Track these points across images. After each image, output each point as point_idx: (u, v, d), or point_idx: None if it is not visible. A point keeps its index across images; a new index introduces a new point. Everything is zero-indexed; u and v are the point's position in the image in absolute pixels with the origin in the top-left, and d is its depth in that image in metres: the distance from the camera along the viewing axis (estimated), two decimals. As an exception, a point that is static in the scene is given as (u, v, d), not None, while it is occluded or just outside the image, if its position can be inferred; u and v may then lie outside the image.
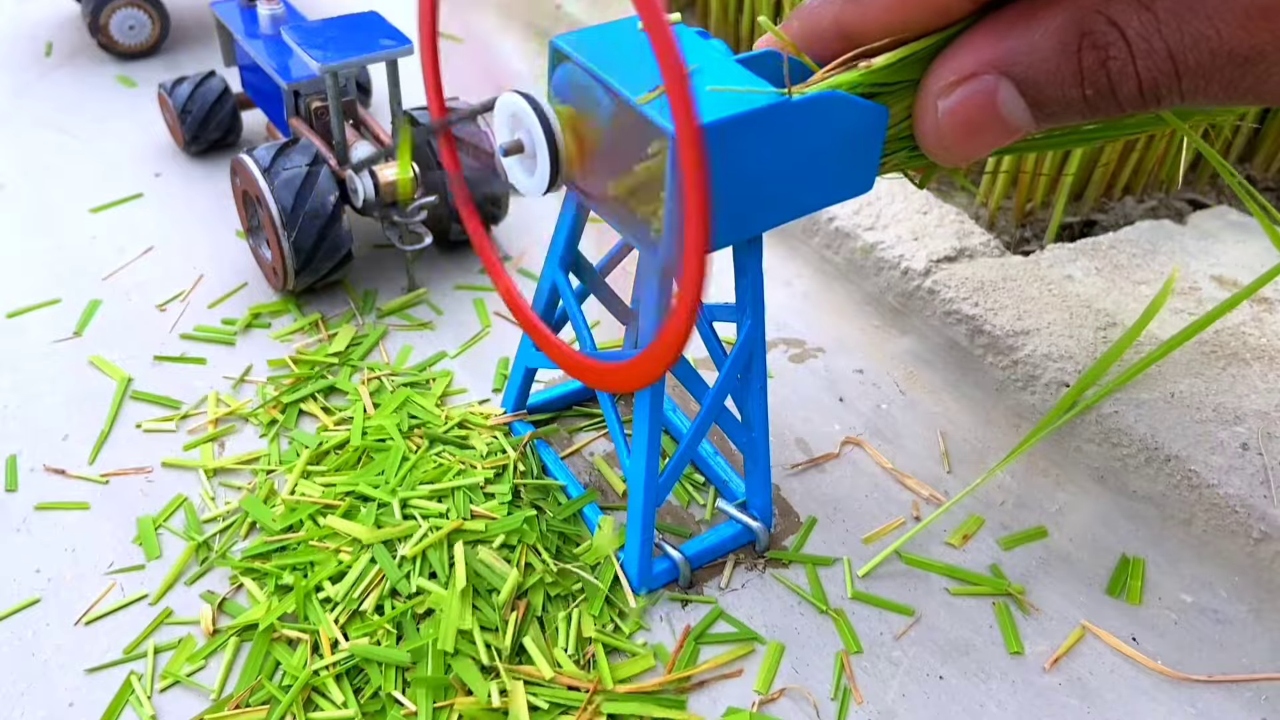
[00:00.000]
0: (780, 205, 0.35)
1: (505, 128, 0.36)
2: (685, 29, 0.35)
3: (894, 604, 0.42)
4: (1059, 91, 0.30)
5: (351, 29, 0.54)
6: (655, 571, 0.42)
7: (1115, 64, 0.28)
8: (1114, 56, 0.28)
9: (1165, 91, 0.28)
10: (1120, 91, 0.29)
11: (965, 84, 0.31)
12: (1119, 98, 0.29)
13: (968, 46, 0.31)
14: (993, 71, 0.30)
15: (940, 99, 0.32)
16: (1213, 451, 0.45)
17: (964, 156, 0.33)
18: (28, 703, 0.38)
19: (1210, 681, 0.40)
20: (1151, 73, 0.28)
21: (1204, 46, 0.27)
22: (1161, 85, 0.28)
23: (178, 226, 0.62)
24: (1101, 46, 0.28)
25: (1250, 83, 0.28)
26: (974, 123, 0.31)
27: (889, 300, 0.56)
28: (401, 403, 0.49)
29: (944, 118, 0.32)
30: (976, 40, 0.31)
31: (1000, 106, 0.30)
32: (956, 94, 0.31)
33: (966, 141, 0.32)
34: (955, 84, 0.31)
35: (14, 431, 0.49)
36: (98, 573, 0.42)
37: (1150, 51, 0.28)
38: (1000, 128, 0.31)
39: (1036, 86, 0.30)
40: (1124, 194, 0.64)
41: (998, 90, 0.30)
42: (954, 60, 0.31)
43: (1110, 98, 0.29)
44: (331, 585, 0.40)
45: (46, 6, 0.86)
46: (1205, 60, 0.27)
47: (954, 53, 0.31)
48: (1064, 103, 0.30)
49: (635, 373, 0.34)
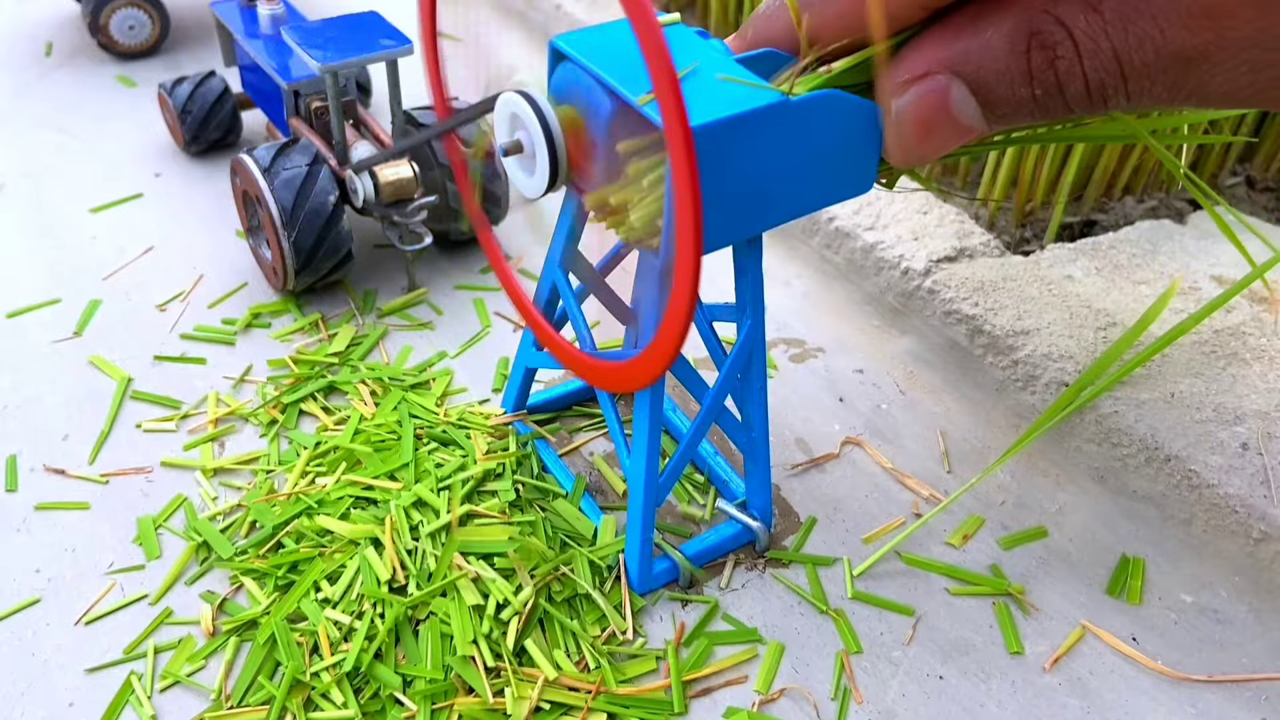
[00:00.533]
0: (779, 205, 0.35)
1: (505, 128, 0.36)
2: (685, 29, 0.35)
3: (894, 604, 0.42)
4: (1009, 91, 0.30)
5: (351, 29, 0.54)
6: (655, 571, 0.42)
7: (1063, 64, 0.29)
8: (1061, 56, 0.29)
9: (1111, 92, 0.29)
10: (1068, 91, 0.29)
11: (918, 84, 0.31)
12: (1066, 97, 0.29)
13: (921, 47, 0.31)
14: (945, 71, 0.30)
15: (894, 98, 0.32)
16: (1213, 451, 0.45)
17: (921, 156, 0.33)
18: (28, 703, 0.38)
19: (1210, 681, 0.40)
20: (1098, 73, 0.28)
21: (1149, 47, 0.27)
22: (1108, 85, 0.29)
23: (178, 226, 0.62)
24: (1050, 46, 0.29)
25: (1194, 84, 0.28)
26: (927, 122, 0.31)
27: (889, 300, 0.56)
28: (398, 402, 0.49)
29: (898, 117, 0.32)
30: (929, 41, 0.31)
31: (952, 106, 0.31)
32: (909, 94, 0.31)
33: (921, 141, 0.32)
34: (908, 84, 0.31)
35: (14, 431, 0.49)
36: (98, 573, 0.42)
37: (1097, 51, 0.28)
38: (953, 127, 0.31)
39: (987, 86, 0.30)
40: (1124, 194, 0.64)
41: (949, 90, 0.30)
42: (907, 61, 0.31)
43: (1058, 97, 0.29)
44: (329, 585, 0.40)
45: (46, 6, 0.86)
46: (1150, 60, 0.28)
47: (907, 54, 0.31)
48: (1014, 103, 0.30)
49: (635, 373, 0.34)
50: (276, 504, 0.44)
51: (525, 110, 0.34)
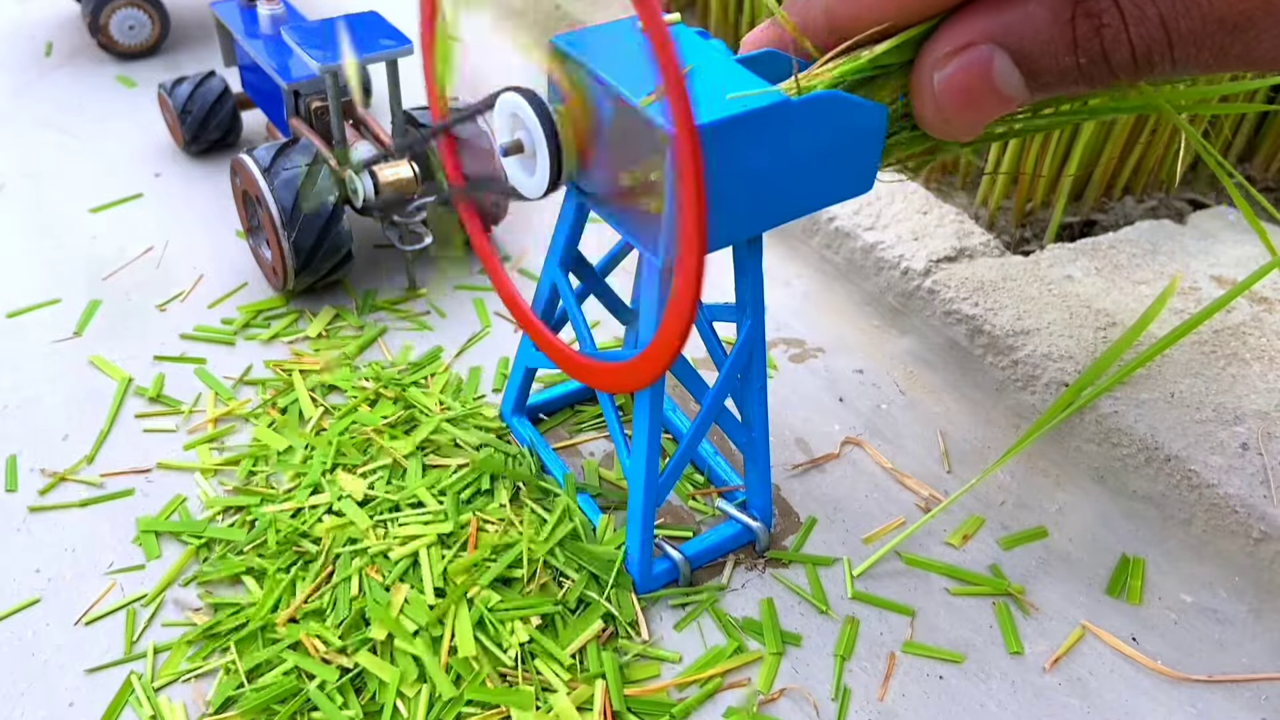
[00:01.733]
0: (780, 205, 0.34)
1: (505, 127, 0.36)
2: (685, 29, 0.35)
3: (894, 604, 0.42)
4: (1053, 61, 0.30)
5: (351, 29, 0.54)
6: (655, 572, 0.42)
7: (1109, 31, 0.29)
8: (1107, 24, 0.29)
9: (1158, 58, 0.29)
10: (1114, 59, 0.29)
11: (960, 55, 0.31)
12: (1112, 65, 0.29)
13: (963, 19, 0.31)
14: (987, 42, 0.30)
15: (936, 71, 0.32)
16: (1213, 451, 0.45)
17: (962, 129, 0.33)
18: (28, 703, 0.38)
19: (1210, 681, 0.40)
20: (1144, 40, 0.29)
21: (1195, 13, 0.28)
22: (1154, 52, 0.29)
23: (178, 226, 0.62)
24: (1095, 14, 0.29)
25: (1240, 49, 0.28)
26: (970, 93, 0.31)
27: (889, 300, 0.56)
28: (396, 399, 0.49)
29: (940, 89, 0.32)
30: (971, 13, 0.31)
31: (995, 77, 0.31)
32: (952, 65, 0.31)
33: (963, 112, 0.32)
34: (951, 55, 0.31)
35: (14, 431, 0.49)
36: (98, 573, 0.42)
37: (1143, 19, 0.28)
38: (996, 98, 0.31)
39: (1031, 56, 0.30)
40: (1124, 194, 0.64)
41: (993, 60, 0.30)
42: (949, 33, 0.31)
43: (1104, 65, 0.30)
44: (326, 591, 0.40)
45: (46, 6, 0.86)
46: (1197, 26, 0.28)
47: (949, 26, 0.31)
48: (1058, 72, 0.30)
49: (635, 373, 0.34)
50: (273, 502, 0.44)
51: (525, 109, 0.34)
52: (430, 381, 0.51)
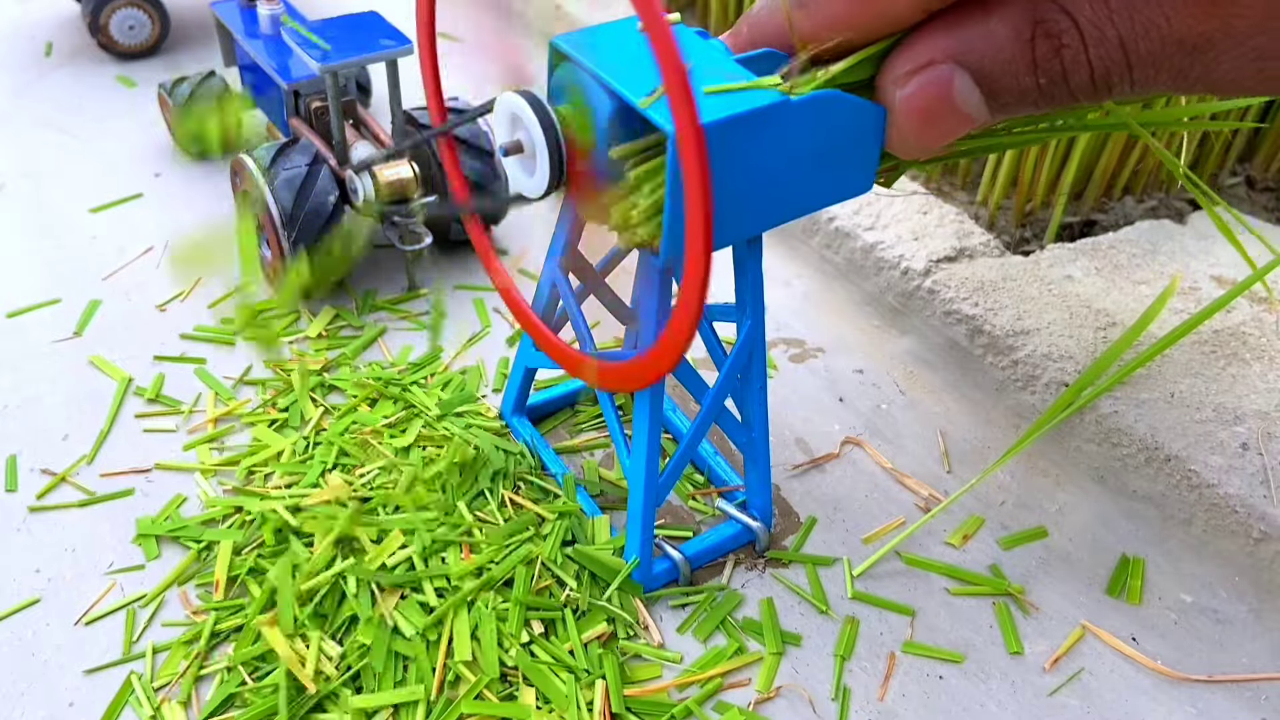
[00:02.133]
0: (780, 205, 0.34)
1: (505, 128, 0.36)
2: (685, 29, 0.35)
3: (894, 604, 0.42)
4: (1013, 80, 0.30)
5: (351, 29, 0.54)
6: (655, 571, 0.42)
7: (1068, 52, 0.29)
8: (1067, 45, 0.28)
9: (1117, 80, 0.29)
10: (1073, 80, 0.29)
11: (920, 73, 0.31)
12: (1071, 86, 0.29)
13: (923, 37, 0.31)
14: (948, 61, 0.30)
15: (897, 88, 0.32)
16: (1213, 451, 0.45)
17: (922, 148, 0.33)
18: (28, 703, 0.38)
19: (1210, 681, 0.40)
20: (1104, 61, 0.28)
21: (1154, 34, 0.27)
22: (1113, 73, 0.29)
23: (178, 226, 0.62)
24: (1055, 35, 0.29)
25: (1199, 71, 0.28)
26: (930, 112, 0.31)
27: (889, 300, 0.56)
28: (396, 398, 0.49)
29: (900, 108, 0.32)
30: (932, 31, 0.31)
31: (955, 96, 0.30)
32: (912, 84, 0.31)
33: (923, 131, 0.32)
34: (911, 74, 0.31)
35: (14, 431, 0.49)
36: (98, 573, 0.42)
37: (1102, 39, 0.28)
38: (956, 118, 0.31)
39: (991, 76, 0.30)
40: (1124, 194, 0.64)
41: (953, 79, 0.30)
42: (909, 51, 0.31)
43: (1063, 86, 0.29)
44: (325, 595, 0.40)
45: (46, 6, 0.86)
46: (1156, 48, 0.28)
47: (910, 43, 0.31)
48: (1018, 92, 0.30)
49: (636, 373, 0.34)
50: (272, 501, 0.44)
51: (525, 110, 0.34)
52: (431, 380, 0.51)
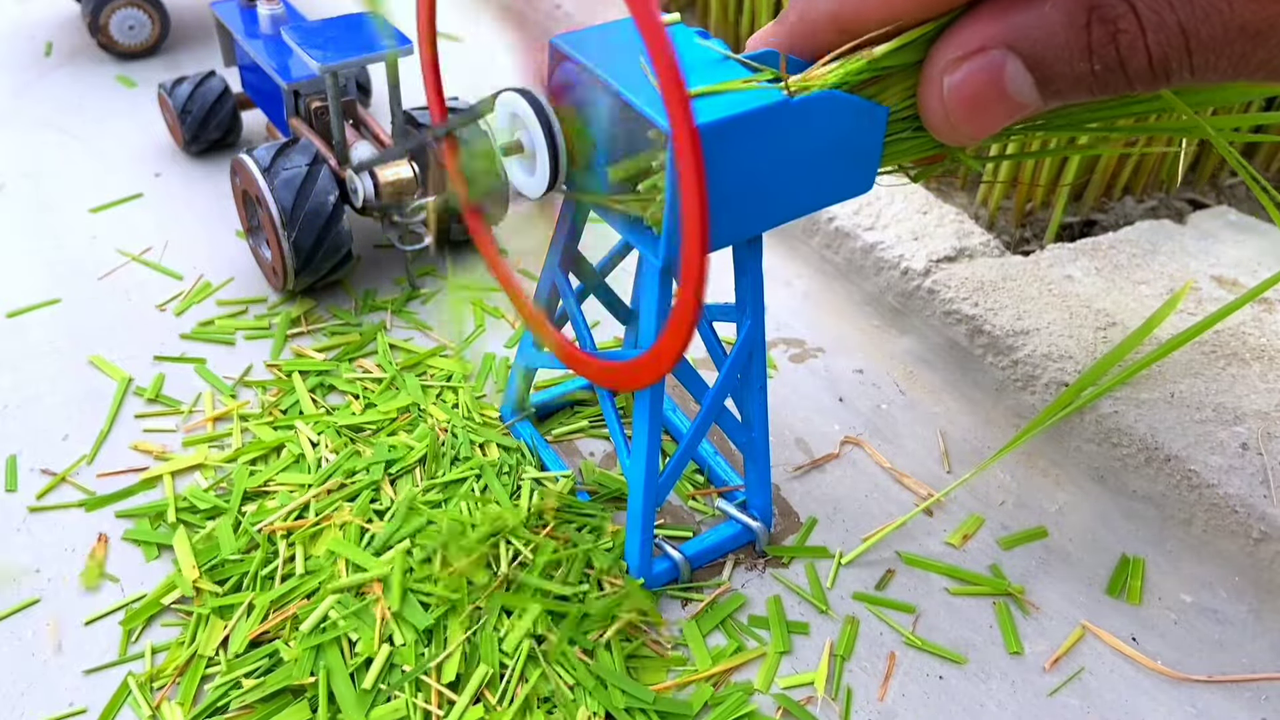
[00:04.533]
0: (780, 205, 0.34)
1: (505, 128, 0.36)
2: (684, 29, 0.35)
3: (894, 603, 0.42)
4: (1067, 67, 0.29)
5: (351, 29, 0.54)
6: (655, 571, 0.42)
7: (1125, 38, 0.28)
8: (1123, 30, 0.28)
9: (1176, 66, 0.28)
10: (1130, 66, 0.28)
11: (971, 59, 0.30)
12: (1128, 73, 0.29)
13: (974, 22, 0.30)
14: (999, 46, 0.30)
15: (946, 75, 0.31)
16: (1213, 451, 0.45)
17: (971, 135, 0.32)
18: (28, 703, 0.38)
19: (1210, 681, 0.40)
20: (1162, 47, 0.28)
21: (1215, 19, 0.27)
22: (1172, 60, 0.28)
23: (178, 226, 0.62)
24: (1110, 20, 0.28)
25: (1262, 57, 0.27)
26: (980, 99, 0.30)
27: (889, 300, 0.56)
28: (400, 396, 0.49)
29: (950, 95, 0.31)
30: (982, 16, 0.30)
31: (1007, 83, 0.30)
32: (962, 70, 0.30)
33: (972, 119, 0.31)
34: (961, 60, 0.30)
35: (14, 431, 0.49)
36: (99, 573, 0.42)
37: (1161, 25, 0.27)
38: (1007, 105, 0.30)
39: (1044, 62, 0.29)
40: (1124, 194, 0.64)
41: (1005, 66, 0.30)
42: (960, 36, 0.30)
43: (1119, 73, 0.29)
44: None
45: (46, 6, 0.86)
46: (1217, 34, 0.27)
47: (960, 29, 0.31)
48: (1072, 79, 0.29)
49: (637, 372, 0.34)
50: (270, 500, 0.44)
51: (525, 110, 0.34)
52: (430, 376, 0.51)
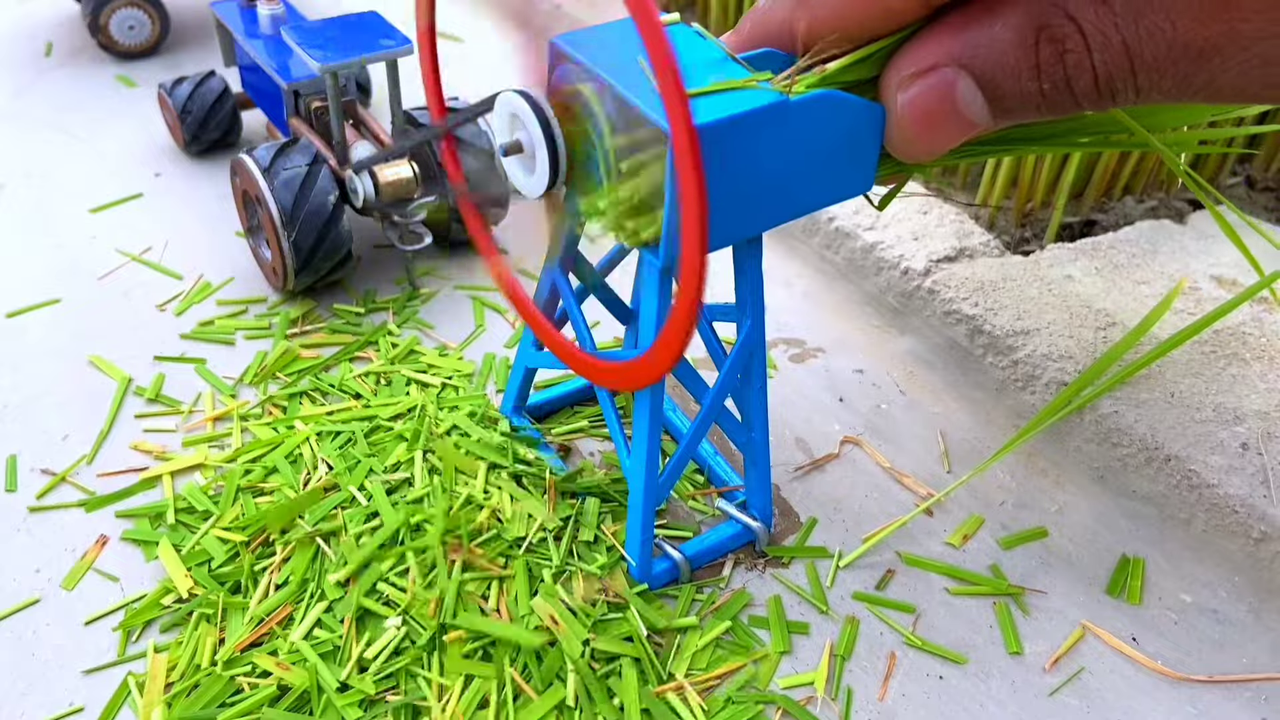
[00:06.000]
0: (779, 205, 0.34)
1: (505, 128, 0.36)
2: (684, 28, 0.35)
3: (894, 603, 0.42)
4: (1016, 85, 0.30)
5: (351, 29, 0.54)
6: (655, 572, 0.42)
7: (1072, 57, 0.28)
8: (1070, 50, 0.28)
9: (1120, 86, 0.28)
10: (1076, 86, 0.29)
11: (924, 77, 0.31)
12: (1075, 92, 0.29)
13: (927, 40, 0.31)
14: (951, 64, 0.30)
15: (900, 91, 0.31)
16: (1213, 451, 0.45)
17: (924, 151, 0.33)
18: (28, 703, 0.38)
19: (1210, 681, 0.40)
20: (1107, 66, 0.28)
21: (1159, 39, 0.27)
22: (1116, 79, 0.28)
23: (178, 226, 0.62)
24: (1059, 40, 0.28)
25: (1204, 79, 0.28)
26: (932, 116, 0.31)
27: (889, 300, 0.56)
28: (401, 396, 0.49)
29: (903, 111, 0.32)
30: (936, 34, 0.31)
31: (959, 100, 0.30)
32: (915, 87, 0.31)
33: (925, 135, 0.32)
34: (914, 76, 0.31)
35: (14, 431, 0.49)
36: (98, 573, 0.42)
37: (1106, 45, 0.28)
38: (959, 122, 0.31)
39: (994, 81, 0.30)
40: (1124, 194, 0.64)
41: (956, 83, 0.30)
42: (913, 53, 0.31)
43: (1067, 92, 0.29)
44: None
45: (46, 6, 0.86)
46: (1161, 54, 0.27)
47: (913, 46, 0.31)
48: (1021, 97, 0.30)
49: (637, 372, 0.34)
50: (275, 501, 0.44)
51: (525, 110, 0.34)
52: (430, 375, 0.51)
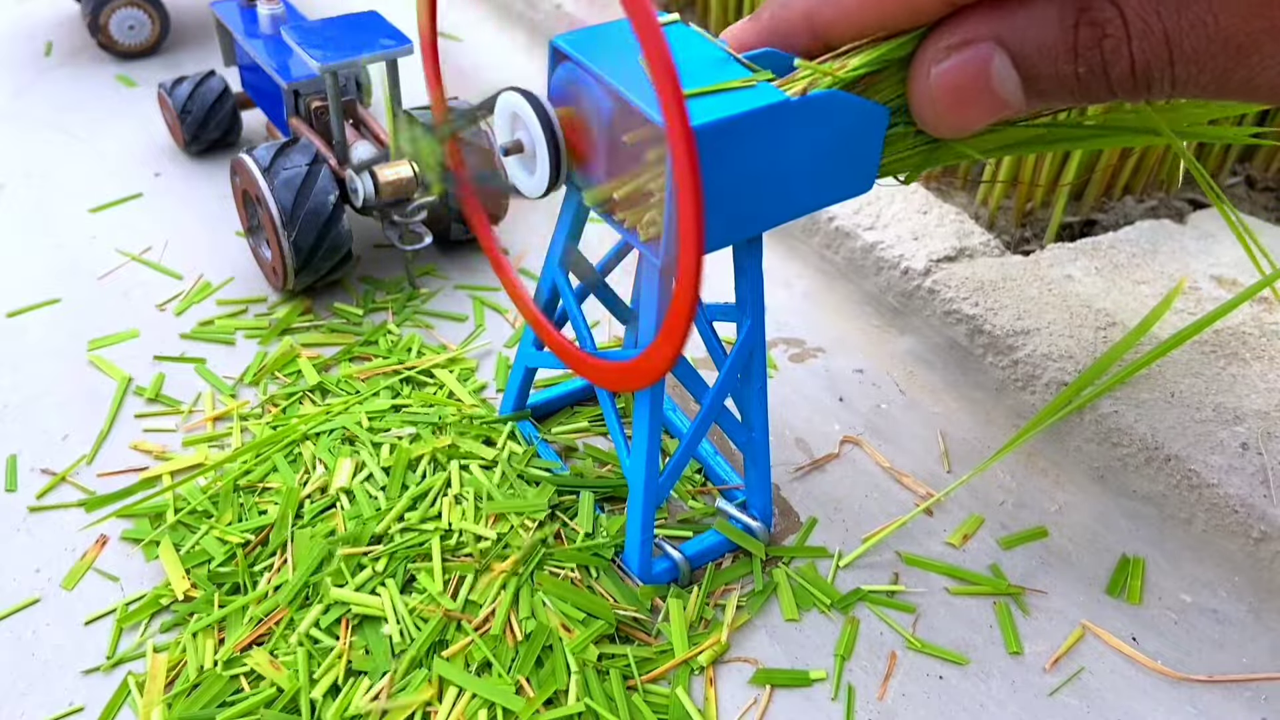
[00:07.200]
0: (780, 205, 0.34)
1: (505, 127, 0.36)
2: (684, 28, 0.35)
3: (894, 603, 0.42)
4: (1052, 66, 0.29)
5: (351, 29, 0.54)
6: (655, 571, 0.42)
7: (1110, 42, 0.28)
8: (1110, 34, 0.28)
9: (1157, 76, 0.28)
10: (1113, 72, 0.29)
11: (960, 51, 0.31)
12: (1110, 78, 0.29)
13: (966, 16, 0.31)
14: (989, 40, 0.30)
15: (934, 64, 0.31)
16: (1213, 451, 0.45)
17: (954, 126, 0.32)
18: (28, 703, 0.38)
19: (1210, 681, 0.40)
20: (1145, 55, 0.28)
21: (1201, 32, 0.27)
22: (1154, 69, 0.28)
23: (178, 226, 0.62)
24: (1099, 24, 0.28)
25: (1243, 75, 0.27)
26: (965, 91, 0.31)
27: (889, 300, 0.56)
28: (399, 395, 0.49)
29: (936, 83, 0.31)
30: (976, 11, 0.30)
31: (993, 77, 0.30)
32: (950, 60, 0.31)
33: (956, 110, 0.32)
34: (950, 49, 0.31)
35: (14, 431, 0.49)
36: (97, 573, 0.42)
37: (1147, 32, 0.28)
38: (991, 100, 0.31)
39: (1030, 60, 0.30)
40: (1124, 194, 0.64)
41: (992, 60, 0.30)
42: (951, 27, 0.31)
43: (1102, 78, 0.29)
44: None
45: (46, 6, 0.86)
46: (1201, 46, 0.27)
47: (952, 21, 0.31)
48: (1056, 79, 0.30)
49: (636, 372, 0.34)
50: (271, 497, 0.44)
51: (525, 109, 0.34)
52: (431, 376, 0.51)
